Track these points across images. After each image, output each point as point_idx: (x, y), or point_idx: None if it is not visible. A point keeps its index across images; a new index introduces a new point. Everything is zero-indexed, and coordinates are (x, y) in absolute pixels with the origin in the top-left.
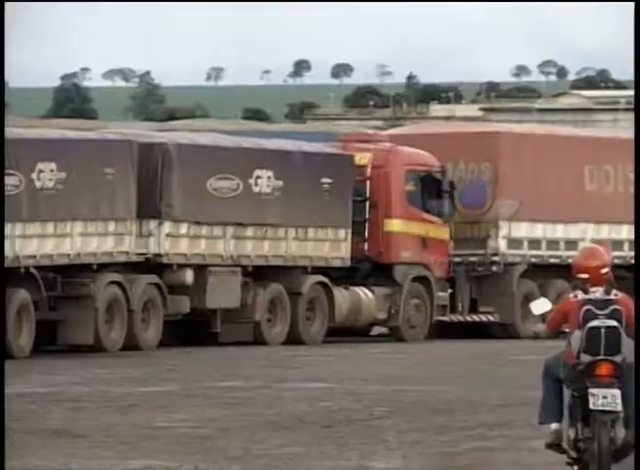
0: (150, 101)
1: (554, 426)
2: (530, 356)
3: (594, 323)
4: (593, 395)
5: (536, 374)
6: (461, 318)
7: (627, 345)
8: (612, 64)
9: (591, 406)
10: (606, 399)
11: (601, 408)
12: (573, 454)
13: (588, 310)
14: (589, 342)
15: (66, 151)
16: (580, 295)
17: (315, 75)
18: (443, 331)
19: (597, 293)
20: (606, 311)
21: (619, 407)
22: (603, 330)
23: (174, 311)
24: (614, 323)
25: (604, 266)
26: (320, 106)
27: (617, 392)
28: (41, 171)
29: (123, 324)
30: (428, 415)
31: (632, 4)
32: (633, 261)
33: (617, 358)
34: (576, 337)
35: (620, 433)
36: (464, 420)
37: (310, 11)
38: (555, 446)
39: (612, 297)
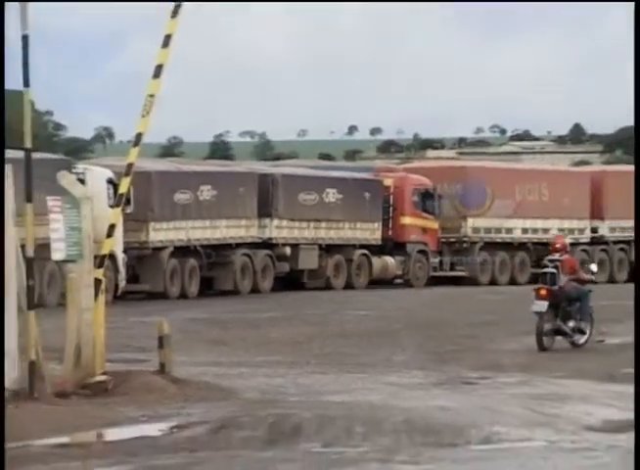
0: (265, 149)
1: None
2: (488, 296)
3: (545, 270)
4: (535, 303)
5: (493, 306)
6: (445, 274)
7: (564, 279)
8: (531, 126)
9: (532, 309)
10: (538, 306)
11: (535, 310)
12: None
13: (545, 264)
14: (542, 278)
15: (216, 178)
16: (550, 256)
17: (360, 134)
18: (435, 281)
19: (555, 255)
20: (553, 264)
21: (545, 310)
22: (548, 273)
23: (280, 271)
24: (554, 270)
25: (558, 244)
26: (363, 151)
27: (545, 303)
28: (202, 190)
29: (250, 278)
30: (426, 329)
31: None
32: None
33: (554, 288)
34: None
35: (553, 323)
36: (448, 332)
37: (358, 96)
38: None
39: (559, 257)
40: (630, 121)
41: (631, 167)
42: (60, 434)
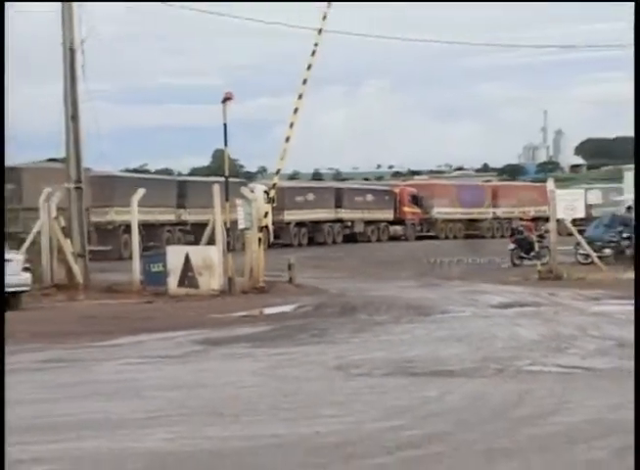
0: (338, 176)
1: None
2: (445, 244)
3: (518, 228)
4: (509, 244)
5: (447, 249)
6: (424, 234)
7: (526, 234)
8: (463, 163)
9: (508, 248)
10: (510, 246)
11: (508, 248)
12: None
13: (517, 225)
14: (515, 232)
15: (314, 190)
16: (520, 222)
17: (381, 169)
18: (419, 238)
19: (523, 222)
20: (522, 226)
21: (512, 248)
22: (518, 230)
23: (345, 233)
24: (521, 228)
25: (525, 216)
26: (384, 177)
27: (513, 245)
28: (308, 195)
29: (332, 237)
30: (415, 260)
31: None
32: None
33: (520, 237)
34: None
35: (519, 254)
36: (425, 262)
37: (382, 148)
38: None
39: (525, 223)
40: (511, 161)
41: (511, 183)
42: (242, 310)
